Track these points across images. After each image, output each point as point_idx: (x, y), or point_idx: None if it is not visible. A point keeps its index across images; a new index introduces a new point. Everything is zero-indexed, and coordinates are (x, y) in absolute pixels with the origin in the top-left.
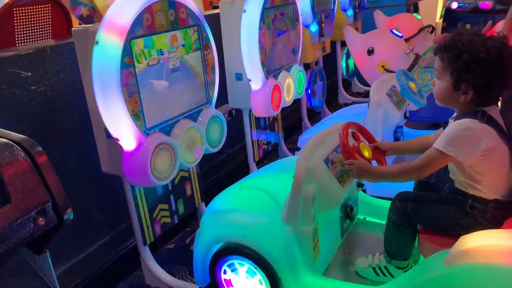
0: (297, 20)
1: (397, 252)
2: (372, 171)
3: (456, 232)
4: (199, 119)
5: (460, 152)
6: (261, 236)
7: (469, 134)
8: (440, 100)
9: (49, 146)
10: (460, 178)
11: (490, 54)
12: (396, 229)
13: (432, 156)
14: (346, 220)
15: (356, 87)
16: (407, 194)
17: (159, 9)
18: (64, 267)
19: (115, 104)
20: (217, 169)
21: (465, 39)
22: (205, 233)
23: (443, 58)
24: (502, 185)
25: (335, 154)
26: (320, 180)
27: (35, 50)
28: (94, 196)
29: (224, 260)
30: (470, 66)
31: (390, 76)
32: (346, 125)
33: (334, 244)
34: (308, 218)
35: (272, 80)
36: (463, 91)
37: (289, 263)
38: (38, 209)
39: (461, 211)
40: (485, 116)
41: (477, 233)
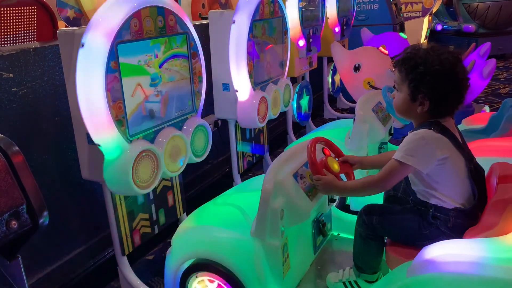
0: (285, 33)
1: (365, 265)
2: (337, 186)
3: (421, 242)
4: (184, 128)
5: (417, 161)
6: (230, 251)
7: (423, 143)
8: (399, 111)
9: (28, 149)
10: (420, 188)
11: (444, 67)
12: (363, 241)
13: (392, 167)
14: (319, 236)
15: (342, 103)
16: (372, 206)
17: (147, 15)
18: (37, 276)
19: (98, 109)
20: (200, 180)
21: (421, 53)
22: (176, 250)
23: (401, 70)
24: (460, 194)
25: (305, 168)
26: (288, 194)
27: (18, 51)
28: (73, 202)
29: (194, 276)
30: (425, 77)
31: (376, 92)
32: (313, 140)
33: (306, 260)
34: (277, 233)
35: (259, 92)
36: (419, 102)
37: (258, 279)
38: (11, 211)
39: (424, 221)
40: (439, 126)
41: (439, 243)
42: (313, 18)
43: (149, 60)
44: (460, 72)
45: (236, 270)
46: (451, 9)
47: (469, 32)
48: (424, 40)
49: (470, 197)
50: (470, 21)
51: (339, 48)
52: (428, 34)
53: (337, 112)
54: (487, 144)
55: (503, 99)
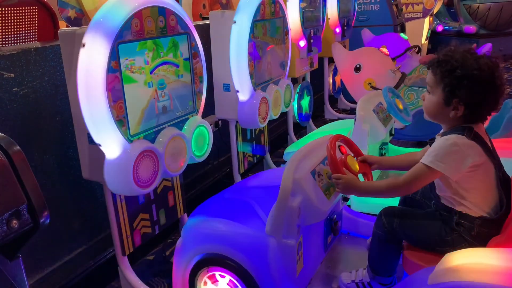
0: (286, 34)
1: (381, 268)
2: (359, 186)
3: (441, 248)
4: (185, 128)
5: (447, 168)
6: (243, 247)
7: (456, 149)
8: (429, 115)
9: (29, 149)
10: (447, 194)
11: (483, 72)
12: (381, 244)
13: (419, 171)
14: (330, 234)
15: (342, 103)
16: (393, 209)
17: (148, 15)
18: (38, 276)
19: (99, 109)
20: (201, 180)
21: (458, 55)
22: (186, 243)
23: (435, 73)
24: (488, 203)
25: (322, 166)
26: (306, 192)
27: (19, 51)
28: (74, 202)
29: (205, 271)
30: (463, 82)
31: (377, 92)
32: (334, 138)
33: (317, 258)
34: (293, 231)
35: (259, 92)
36: (453, 107)
37: (271, 276)
38: (12, 211)
39: (447, 227)
40: (471, 133)
41: (463, 250)
42: (313, 18)
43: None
44: (498, 78)
45: (249, 266)
46: (452, 10)
47: (470, 33)
48: (425, 41)
49: (497, 206)
50: (471, 22)
51: (340, 48)
52: (429, 35)
53: (338, 112)
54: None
55: (504, 100)
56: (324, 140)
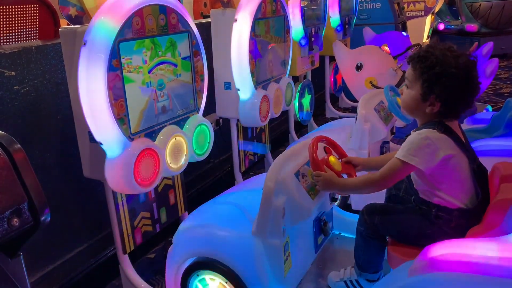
0: (287, 32)
1: (366, 264)
2: (337, 183)
3: (423, 242)
4: (186, 126)
5: (420, 161)
6: (230, 250)
7: (427, 143)
8: (406, 109)
9: (30, 147)
10: (423, 188)
11: (460, 70)
12: (365, 241)
13: (393, 166)
14: (320, 235)
15: (343, 102)
16: (374, 206)
17: (149, 13)
18: (39, 274)
19: (100, 107)
20: (202, 178)
21: (438, 52)
22: (177, 248)
23: (415, 68)
24: (464, 194)
25: (307, 167)
26: (290, 193)
27: (20, 50)
28: (75, 201)
29: (195, 275)
30: (441, 79)
31: (378, 91)
32: (316, 139)
33: (307, 259)
34: (278, 231)
35: (261, 90)
36: (430, 102)
37: (258, 277)
38: (13, 209)
39: (426, 221)
40: (443, 126)
41: (440, 242)
42: (315, 17)
43: (151, 58)
44: (475, 77)
45: (237, 268)
46: (453, 8)
47: (471, 31)
48: (427, 40)
49: (473, 197)
50: (472, 21)
51: (341, 47)
52: (430, 34)
53: (339, 111)
54: (489, 143)
55: (506, 99)
56: (309, 142)
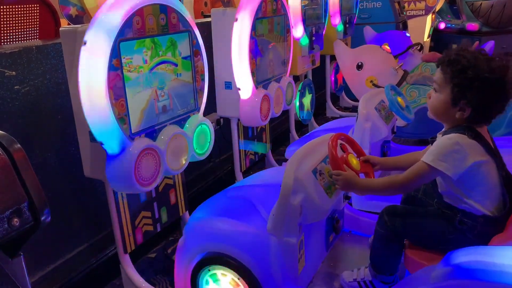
0: (288, 32)
1: (383, 266)
2: (358, 183)
3: (444, 247)
4: (186, 126)
5: (448, 167)
6: (245, 246)
7: (457, 149)
8: (434, 113)
9: (30, 147)
10: (449, 192)
11: (494, 75)
12: (383, 243)
13: (420, 169)
14: (332, 233)
15: (344, 101)
16: (395, 208)
17: (150, 12)
18: (40, 273)
19: (100, 107)
20: (203, 178)
21: (470, 56)
22: (188, 242)
23: (445, 71)
24: (491, 201)
25: (323, 164)
26: (308, 191)
27: (20, 50)
28: (75, 200)
29: (206, 270)
30: (473, 84)
31: (379, 90)
32: (335, 136)
33: (319, 256)
34: (294, 230)
35: (261, 90)
36: (460, 108)
37: (273, 275)
38: (13, 209)
39: (450, 226)
40: (473, 132)
41: (465, 249)
42: (315, 16)
43: (152, 57)
44: (509, 81)
45: (251, 265)
46: (454, 7)
47: (472, 30)
48: (427, 39)
49: (500, 204)
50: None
51: (342, 46)
52: (431, 33)
53: (340, 110)
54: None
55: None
56: (326, 138)
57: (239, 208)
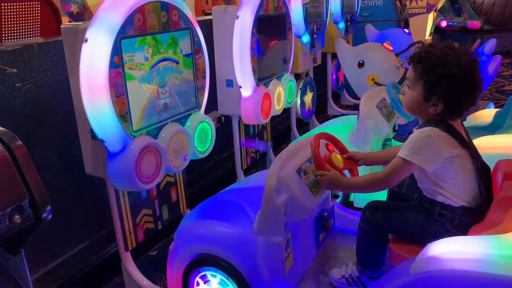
0: (289, 29)
1: (368, 261)
2: (341, 182)
3: (425, 240)
4: (188, 124)
5: (422, 160)
6: (232, 246)
7: (430, 141)
8: (409, 109)
9: (31, 145)
10: (426, 186)
11: (463, 70)
12: (367, 238)
13: (397, 164)
14: (322, 232)
15: (345, 99)
16: (376, 203)
17: (151, 10)
18: (41, 271)
19: (101, 104)
20: (204, 176)
21: (439, 52)
22: (179, 245)
23: (416, 68)
24: (468, 192)
25: (308, 164)
26: (292, 190)
27: (21, 47)
28: (76, 198)
29: (196, 271)
30: (442, 80)
31: (381, 88)
32: (318, 136)
33: (309, 255)
34: (280, 228)
35: (262, 87)
36: (433, 103)
37: (260, 274)
38: (14, 206)
39: (430, 218)
40: (445, 125)
41: (443, 240)
42: (317, 14)
43: (153, 55)
44: (477, 75)
45: (239, 265)
46: (456, 6)
47: (474, 28)
48: (429, 37)
49: (477, 195)
50: (475, 18)
51: (343, 44)
52: (432, 31)
53: (341, 108)
54: (492, 141)
55: (508, 96)
56: (310, 139)
57: (227, 210)
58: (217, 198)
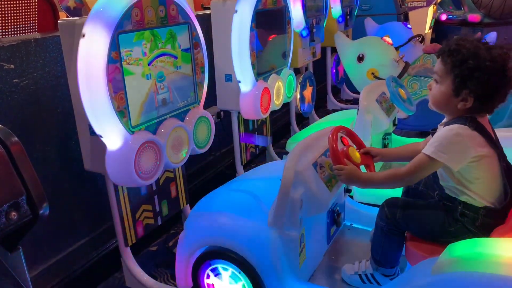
0: (288, 23)
1: (384, 259)
2: (360, 177)
3: (445, 239)
4: (187, 119)
5: (449, 158)
6: (246, 240)
7: (458, 140)
8: (435, 104)
9: (30, 141)
10: (450, 184)
11: (496, 64)
12: (384, 235)
13: (421, 161)
14: (333, 226)
15: (345, 94)
16: (396, 200)
17: (149, 4)
18: (41, 267)
19: (100, 100)
20: (203, 171)
21: (470, 45)
22: (189, 236)
23: (446, 62)
24: (492, 193)
25: (324, 158)
26: (308, 184)
27: (19, 42)
28: (76, 194)
29: (207, 264)
30: (475, 73)
31: (380, 82)
32: (335, 129)
33: (320, 250)
34: (295, 223)
35: (262, 82)
36: (462, 98)
37: (274, 269)
38: (11, 202)
39: (450, 218)
40: (474, 123)
41: (466, 241)
42: (316, 8)
43: (151, 50)
44: (510, 69)
45: (252, 259)
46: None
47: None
48: (429, 30)
49: (501, 196)
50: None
51: (343, 38)
52: (432, 24)
53: (341, 103)
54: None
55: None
56: (326, 131)
57: (239, 202)
58: (228, 188)
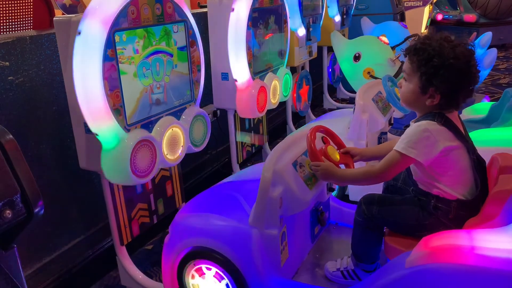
0: (285, 22)
1: (364, 255)
2: (336, 173)
3: (420, 233)
4: (183, 117)
5: (419, 153)
6: (227, 239)
7: (426, 135)
8: (405, 102)
9: (25, 139)
10: (422, 179)
11: (459, 61)
12: (362, 231)
13: (393, 158)
14: (317, 225)
15: (341, 93)
16: (372, 196)
17: (145, 2)
18: (36, 266)
19: (95, 98)
20: (199, 170)
21: (435, 43)
22: (173, 238)
23: (412, 61)
24: (463, 185)
25: (304, 157)
26: (287, 183)
27: (14, 40)
28: (71, 192)
29: (192, 264)
30: (439, 71)
31: (376, 82)
32: (314, 129)
33: (304, 248)
34: (275, 221)
35: (258, 81)
36: (430, 95)
37: (255, 267)
38: (5, 200)
39: (425, 212)
40: (442, 118)
41: (438, 233)
42: (313, 7)
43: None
44: (474, 66)
45: (233, 258)
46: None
47: (470, 21)
48: (425, 30)
49: (473, 188)
50: (471, 11)
51: (339, 37)
52: (428, 24)
53: (337, 102)
54: (487, 134)
55: (504, 89)
56: (306, 131)
57: (222, 203)
58: (212, 191)
